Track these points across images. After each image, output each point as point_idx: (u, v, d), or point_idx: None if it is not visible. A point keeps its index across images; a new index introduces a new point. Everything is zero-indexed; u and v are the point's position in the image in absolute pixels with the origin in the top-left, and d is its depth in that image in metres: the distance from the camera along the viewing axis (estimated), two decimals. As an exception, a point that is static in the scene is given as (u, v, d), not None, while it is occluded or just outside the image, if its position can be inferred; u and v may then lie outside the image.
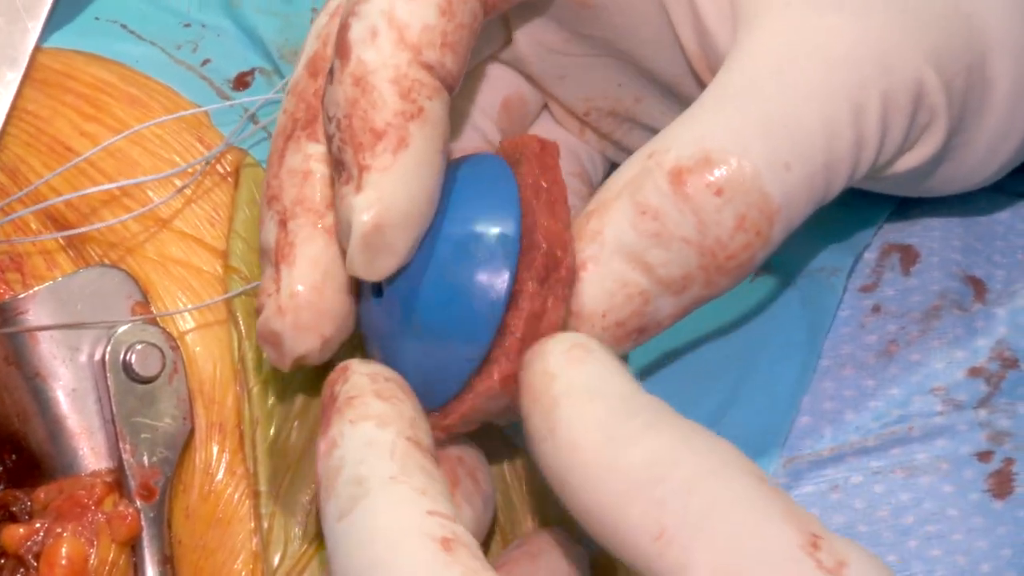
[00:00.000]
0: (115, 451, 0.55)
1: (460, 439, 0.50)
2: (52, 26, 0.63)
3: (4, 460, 0.57)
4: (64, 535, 0.53)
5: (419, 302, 0.47)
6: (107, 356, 0.55)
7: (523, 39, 0.55)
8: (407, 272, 0.47)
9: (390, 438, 0.44)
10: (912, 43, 0.48)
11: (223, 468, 0.56)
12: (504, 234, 0.46)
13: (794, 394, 0.55)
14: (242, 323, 0.57)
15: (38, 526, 0.54)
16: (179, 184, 0.59)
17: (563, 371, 0.42)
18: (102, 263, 0.58)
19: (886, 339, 0.55)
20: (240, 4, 0.65)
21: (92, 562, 0.53)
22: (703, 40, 0.50)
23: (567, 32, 0.54)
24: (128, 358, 0.55)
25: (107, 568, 0.53)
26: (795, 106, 0.46)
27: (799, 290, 0.56)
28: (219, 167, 0.60)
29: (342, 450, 0.44)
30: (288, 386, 0.56)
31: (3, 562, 0.54)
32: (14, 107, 0.61)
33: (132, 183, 0.58)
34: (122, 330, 0.56)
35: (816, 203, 0.47)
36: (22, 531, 0.54)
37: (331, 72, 0.48)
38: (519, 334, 0.45)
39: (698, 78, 0.52)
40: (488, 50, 0.55)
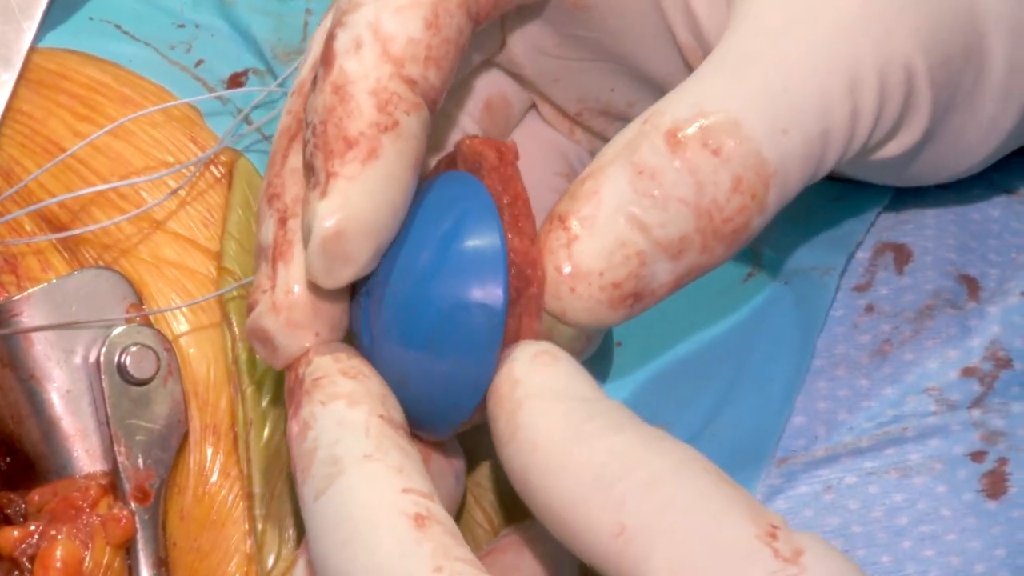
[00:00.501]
0: (110, 453, 0.55)
1: None
2: (46, 26, 0.63)
3: (-1, 462, 0.57)
4: (59, 537, 0.53)
5: (415, 321, 0.47)
6: (102, 358, 0.55)
7: (517, 42, 0.55)
8: (395, 287, 0.47)
9: (363, 417, 0.45)
10: (910, 20, 0.48)
11: (217, 470, 0.56)
12: (492, 249, 0.46)
13: (787, 394, 0.54)
14: (236, 325, 0.57)
15: (33, 528, 0.54)
16: (173, 185, 0.59)
17: (527, 376, 0.43)
18: (96, 265, 0.58)
19: (880, 339, 0.55)
20: (234, 4, 0.65)
21: (87, 564, 0.53)
22: (695, 30, 0.50)
23: (561, 35, 0.54)
24: (123, 360, 0.55)
25: (102, 570, 0.54)
26: (794, 74, 0.46)
27: (792, 289, 0.56)
28: (213, 169, 0.60)
29: (315, 431, 0.45)
30: (282, 388, 0.56)
31: (-2, 565, 0.54)
32: (8, 107, 0.61)
33: (126, 184, 0.58)
34: (117, 332, 0.56)
35: (810, 173, 0.47)
36: (17, 533, 0.54)
37: (315, 79, 0.48)
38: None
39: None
40: (482, 54, 0.55)
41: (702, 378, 0.56)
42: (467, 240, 0.46)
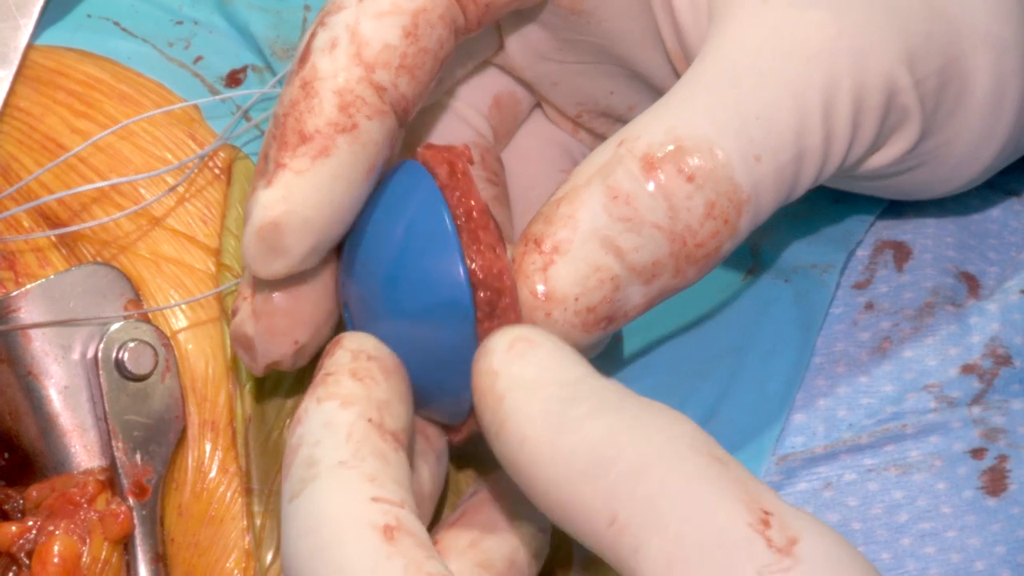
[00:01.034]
0: (107, 449, 0.55)
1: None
2: (44, 23, 0.63)
3: (-4, 458, 0.57)
4: (56, 533, 0.53)
5: (385, 294, 0.47)
6: (99, 354, 0.55)
7: (515, 46, 0.55)
8: (364, 302, 0.48)
9: (350, 420, 0.44)
10: (888, 42, 0.48)
11: (216, 466, 0.56)
12: (453, 279, 0.46)
13: (787, 391, 0.54)
14: (234, 321, 0.57)
15: (30, 524, 0.54)
16: (171, 182, 0.59)
17: (505, 367, 0.43)
18: (95, 261, 0.58)
19: (879, 336, 0.55)
20: (232, 1, 0.65)
21: (84, 560, 0.53)
22: (680, 37, 0.50)
23: (559, 39, 0.54)
24: (120, 356, 0.55)
25: (99, 566, 0.53)
26: (768, 99, 0.46)
27: (792, 287, 0.56)
28: (211, 164, 0.60)
29: (303, 428, 0.45)
30: (280, 384, 0.56)
31: (-4, 560, 0.54)
32: (6, 105, 0.61)
33: (124, 181, 0.58)
34: (114, 328, 0.56)
35: (783, 197, 0.47)
36: (14, 529, 0.54)
37: (290, 74, 0.48)
38: None
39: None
40: (480, 56, 0.55)
41: (701, 375, 0.56)
42: (428, 270, 0.46)
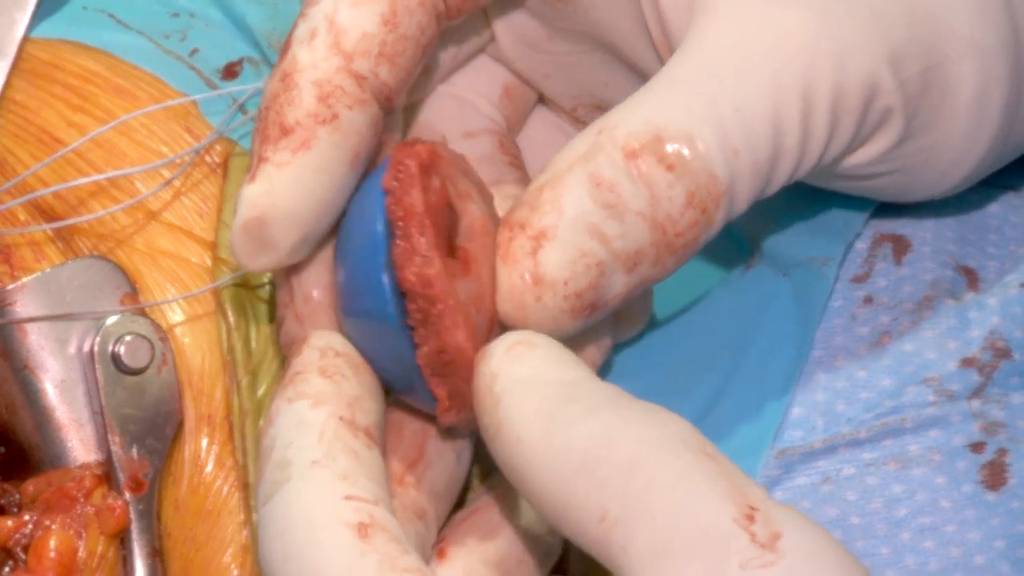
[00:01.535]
0: (104, 443, 0.55)
1: None
2: (40, 15, 0.63)
3: (-8, 452, 0.57)
4: (52, 527, 0.53)
5: (341, 293, 0.48)
6: (96, 347, 0.55)
7: (505, 37, 0.55)
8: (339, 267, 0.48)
9: (321, 419, 0.45)
10: (870, 42, 0.48)
11: (212, 460, 0.56)
12: (377, 286, 0.46)
13: (786, 385, 0.54)
14: (231, 315, 0.57)
15: (27, 519, 0.54)
16: (168, 175, 0.59)
17: (503, 369, 0.44)
18: (91, 255, 0.58)
19: (878, 330, 0.55)
20: (228, -7, 0.65)
21: (81, 554, 0.53)
22: (664, 27, 0.50)
23: (548, 28, 0.54)
24: (117, 349, 0.55)
25: (96, 560, 0.53)
26: (746, 94, 0.47)
27: (791, 281, 0.56)
28: (208, 158, 0.60)
29: (275, 430, 0.45)
30: (277, 377, 0.56)
31: (-8, 555, 0.54)
32: (2, 98, 0.61)
33: (121, 174, 0.58)
34: (111, 321, 0.55)
35: (758, 191, 0.48)
36: (10, 524, 0.54)
37: (272, 67, 0.48)
38: (428, 372, 0.46)
39: None
40: (472, 47, 0.55)
41: (700, 369, 0.56)
42: (360, 277, 0.47)
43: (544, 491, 0.41)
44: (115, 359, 0.55)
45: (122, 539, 0.54)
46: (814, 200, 0.57)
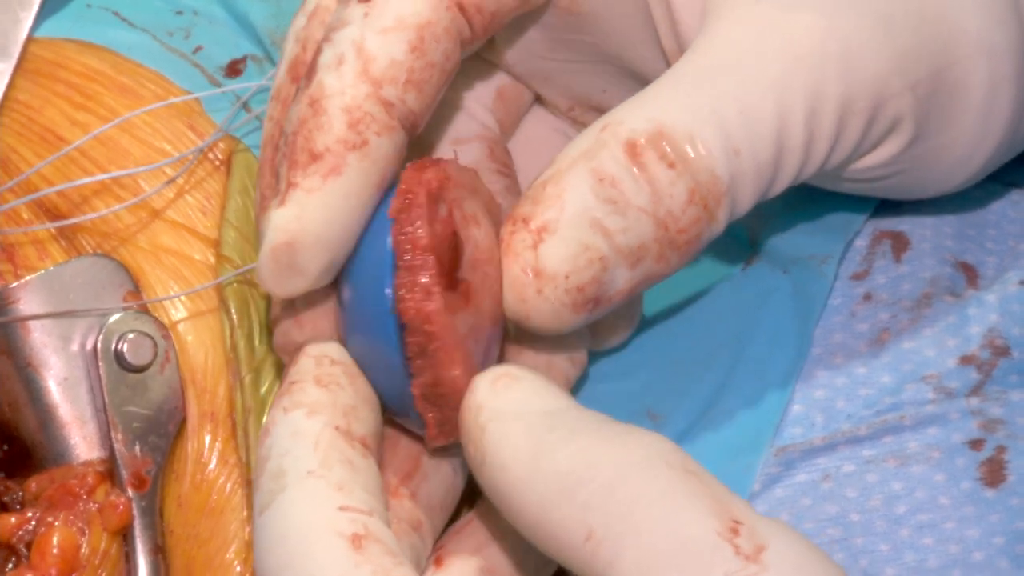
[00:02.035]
0: (107, 440, 0.55)
1: None
2: (44, 13, 0.63)
3: (-4, 450, 0.57)
4: (56, 524, 0.53)
5: (345, 312, 0.48)
6: (99, 345, 0.55)
7: (506, 45, 0.55)
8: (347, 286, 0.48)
9: (317, 428, 0.45)
10: (878, 47, 0.48)
11: (215, 457, 0.56)
12: (379, 268, 0.46)
13: (785, 383, 0.54)
14: (234, 312, 0.57)
15: (30, 515, 0.54)
16: (171, 173, 0.59)
17: (488, 401, 0.44)
18: (94, 253, 0.58)
19: (878, 327, 0.55)
20: (232, -10, 0.65)
21: (84, 551, 0.53)
22: (678, 35, 0.50)
23: (552, 38, 0.54)
24: (120, 347, 0.55)
25: (98, 557, 0.53)
26: (751, 97, 0.47)
27: (790, 278, 0.56)
28: (211, 155, 0.60)
29: (271, 439, 0.46)
30: (280, 375, 0.56)
31: (-5, 552, 0.54)
32: (5, 97, 0.61)
33: (124, 174, 0.58)
34: (114, 319, 0.56)
35: (761, 192, 0.48)
36: (14, 520, 0.54)
37: (297, 91, 0.48)
38: (420, 400, 0.46)
39: None
40: (469, 51, 0.55)
41: (700, 366, 0.56)
42: (365, 305, 0.47)
43: (530, 514, 0.42)
44: (118, 357, 0.55)
45: (125, 536, 0.54)
46: (814, 198, 0.57)
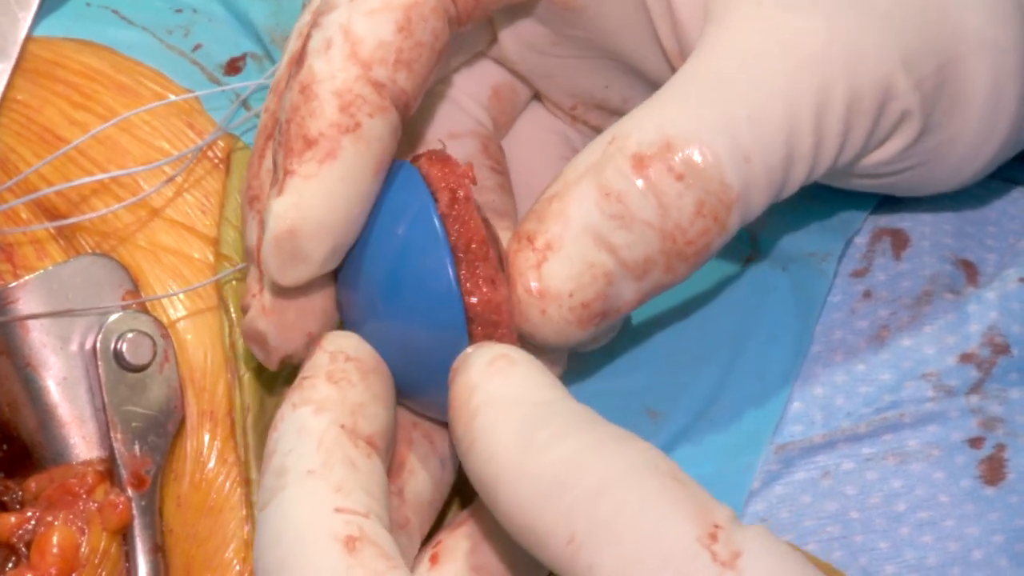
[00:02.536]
0: (106, 440, 0.55)
1: None
2: (43, 12, 0.63)
3: (-5, 449, 0.57)
4: (55, 524, 0.53)
5: (385, 303, 0.47)
6: (98, 345, 0.55)
7: (508, 40, 0.55)
8: (360, 303, 0.48)
9: (322, 426, 0.45)
10: (883, 45, 0.48)
11: (214, 456, 0.56)
12: (442, 265, 0.46)
13: (785, 380, 0.54)
14: (233, 311, 0.57)
15: (29, 515, 0.54)
16: (170, 172, 0.59)
17: (483, 382, 0.43)
18: (93, 252, 0.58)
19: (877, 324, 0.55)
20: (231, -11, 0.65)
21: (83, 550, 0.53)
22: (678, 35, 0.50)
23: (552, 34, 0.54)
24: (119, 346, 0.55)
25: (98, 556, 0.54)
26: (759, 101, 0.47)
27: (790, 276, 0.56)
28: (210, 154, 0.60)
29: (278, 434, 0.46)
30: (279, 373, 0.56)
31: (-5, 551, 0.55)
32: (4, 97, 0.61)
33: (123, 173, 0.58)
34: (113, 319, 0.56)
35: (772, 196, 0.48)
36: (13, 520, 0.54)
37: (288, 78, 0.48)
38: None
39: None
40: (473, 48, 0.55)
41: (699, 364, 0.56)
42: (424, 296, 0.46)
43: (514, 511, 0.42)
44: (117, 356, 0.55)
45: (124, 535, 0.54)
46: (814, 196, 0.57)
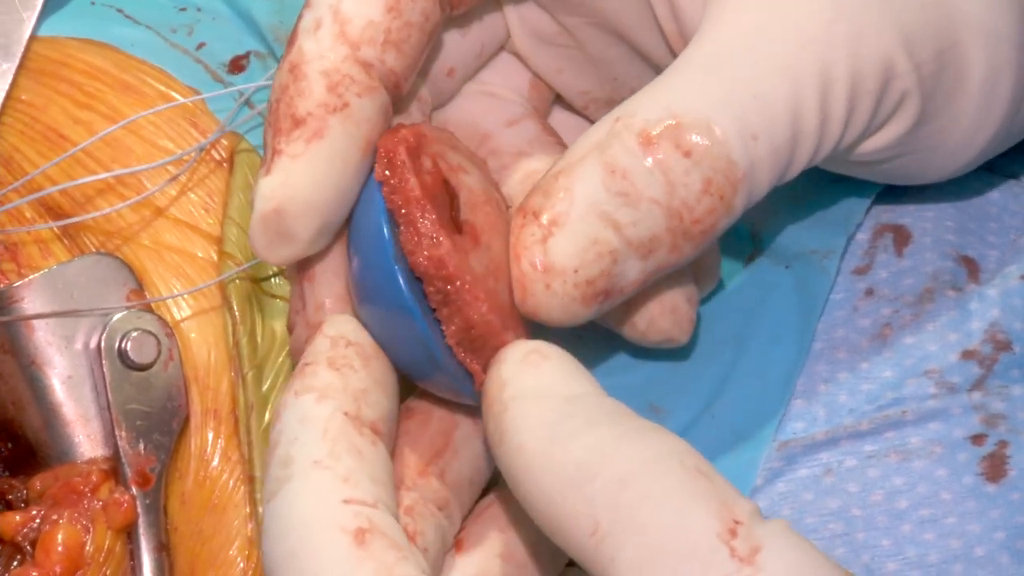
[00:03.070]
0: (111, 438, 0.55)
1: None
2: (48, 10, 0.63)
3: (0, 448, 0.57)
4: (60, 522, 0.54)
5: (356, 285, 0.48)
6: (102, 343, 0.55)
7: (518, 32, 0.55)
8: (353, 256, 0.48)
9: (326, 414, 0.45)
10: (885, 25, 0.48)
11: (218, 454, 0.56)
12: (388, 276, 0.46)
13: (788, 377, 0.54)
14: (236, 309, 0.57)
15: (34, 513, 0.54)
16: (173, 171, 0.59)
17: (515, 377, 0.44)
18: (97, 251, 0.58)
19: (880, 322, 0.55)
20: (235, -13, 0.65)
21: (88, 549, 0.54)
22: (678, 18, 0.50)
23: (559, 22, 0.54)
24: (123, 345, 0.55)
25: (103, 555, 0.54)
26: (764, 80, 0.46)
27: (792, 273, 0.56)
28: (214, 153, 0.60)
29: (281, 424, 0.45)
30: (282, 371, 0.56)
31: (0, 549, 0.55)
32: (9, 97, 0.61)
33: (127, 172, 0.58)
34: (117, 317, 0.56)
35: (778, 177, 0.48)
36: (18, 518, 0.54)
37: (280, 59, 0.48)
38: (460, 351, 0.46)
39: None
40: (494, 45, 0.55)
41: (703, 361, 0.56)
42: (372, 271, 0.46)
43: (540, 501, 0.42)
44: (121, 355, 0.55)
45: (129, 533, 0.54)
46: (815, 192, 0.57)
